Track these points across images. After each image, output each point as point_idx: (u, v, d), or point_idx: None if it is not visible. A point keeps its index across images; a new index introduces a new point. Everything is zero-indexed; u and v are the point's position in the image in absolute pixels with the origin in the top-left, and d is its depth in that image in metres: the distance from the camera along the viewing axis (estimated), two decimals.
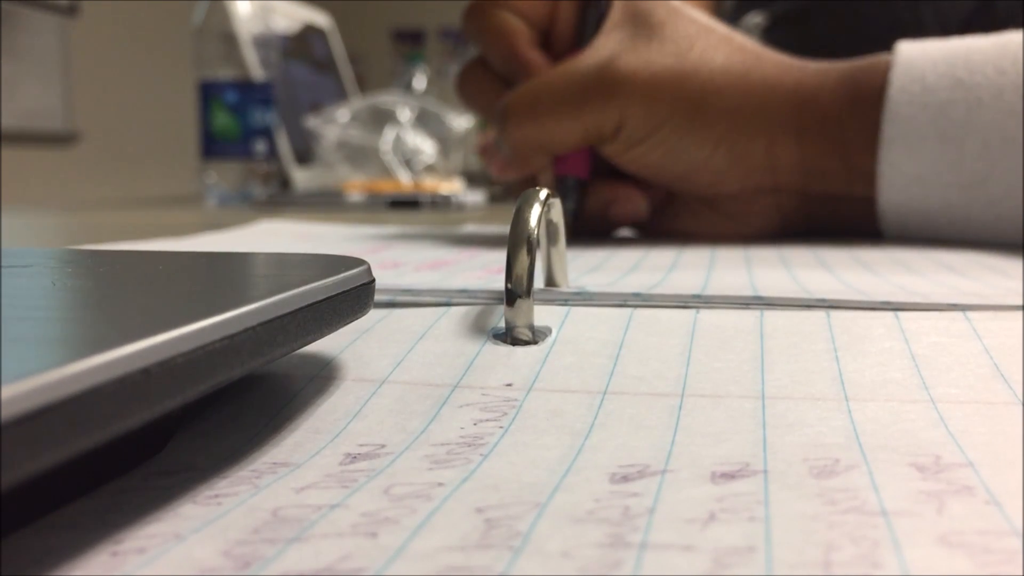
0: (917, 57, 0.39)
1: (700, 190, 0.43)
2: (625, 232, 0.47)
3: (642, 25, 0.41)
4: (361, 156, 1.00)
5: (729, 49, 0.41)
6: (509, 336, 0.20)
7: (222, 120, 0.91)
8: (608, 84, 0.40)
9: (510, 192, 0.45)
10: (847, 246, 0.38)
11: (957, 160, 0.38)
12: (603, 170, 0.43)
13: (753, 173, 0.42)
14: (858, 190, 0.41)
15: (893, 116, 0.39)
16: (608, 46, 0.41)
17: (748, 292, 0.23)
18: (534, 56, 0.43)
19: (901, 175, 0.39)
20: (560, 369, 0.19)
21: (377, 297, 0.21)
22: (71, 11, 2.69)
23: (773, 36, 0.64)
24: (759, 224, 0.44)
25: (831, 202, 0.43)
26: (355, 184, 0.94)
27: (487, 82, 0.44)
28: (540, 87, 0.41)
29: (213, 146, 0.91)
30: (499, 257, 0.33)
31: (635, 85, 0.40)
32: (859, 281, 0.26)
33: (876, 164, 0.40)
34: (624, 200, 0.43)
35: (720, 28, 0.43)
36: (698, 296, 0.22)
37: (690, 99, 0.40)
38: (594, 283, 0.26)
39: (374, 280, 0.18)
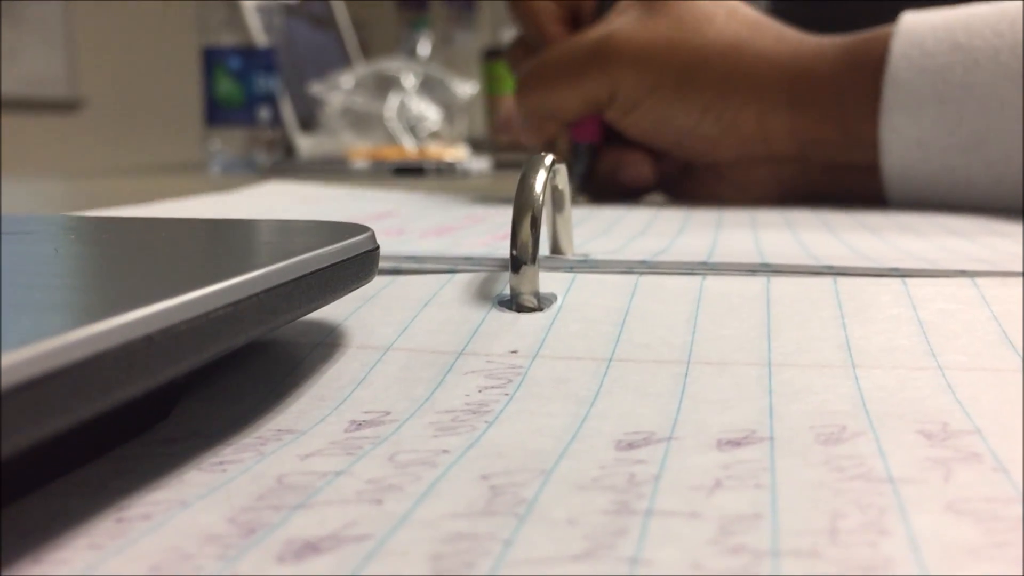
0: (918, 24, 0.40)
1: (698, 157, 0.45)
2: (652, 199, 0.48)
3: (653, 1, 0.44)
4: (365, 123, 0.99)
5: (728, 21, 0.43)
6: (514, 303, 0.20)
7: (226, 87, 0.90)
8: (603, 55, 0.43)
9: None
10: (853, 211, 0.38)
11: (956, 122, 0.38)
12: (618, 138, 0.46)
13: (746, 142, 0.43)
14: (858, 157, 0.42)
15: (893, 81, 0.39)
16: (615, 21, 0.44)
17: (755, 258, 0.23)
18: (555, 31, 0.47)
19: (902, 140, 0.40)
20: (565, 336, 0.18)
21: (381, 264, 0.20)
22: None
23: (781, 10, 0.64)
24: (759, 192, 0.45)
25: (832, 170, 0.43)
26: (360, 151, 0.93)
27: (525, 57, 0.48)
28: (548, 59, 0.45)
29: (217, 113, 0.91)
30: (504, 224, 0.32)
31: (626, 55, 0.42)
32: (866, 246, 0.26)
33: (877, 130, 0.40)
34: (631, 165, 0.46)
35: (730, 3, 0.44)
36: (704, 263, 0.22)
37: (678, 68, 0.42)
38: (601, 249, 0.25)
39: (378, 247, 0.18)
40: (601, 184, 0.46)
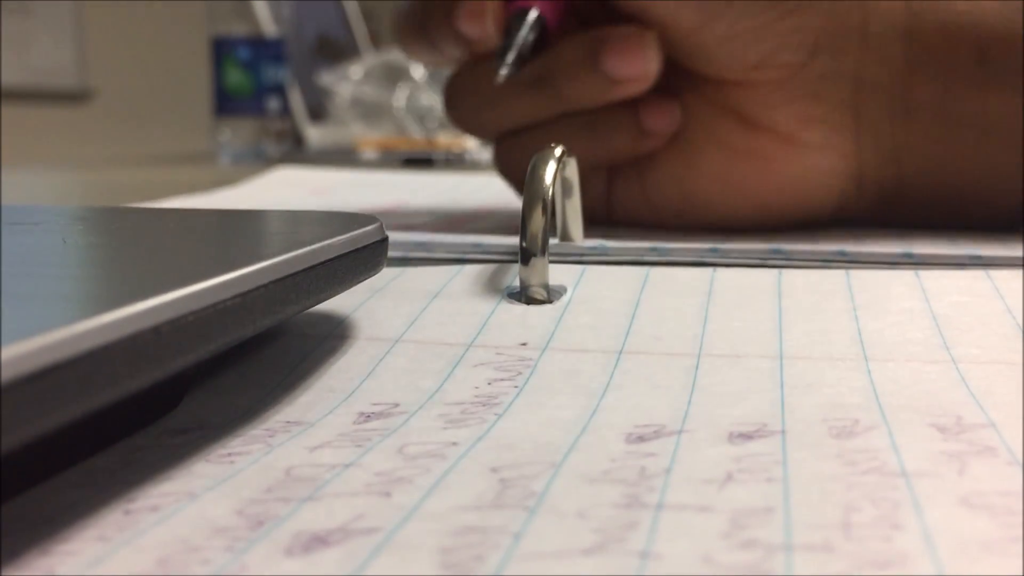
0: None
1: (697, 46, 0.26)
2: None
3: None
4: (375, 113, 0.99)
5: None
6: (524, 295, 0.20)
7: (235, 77, 0.90)
8: None
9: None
10: None
11: None
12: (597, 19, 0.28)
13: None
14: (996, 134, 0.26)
15: None
16: None
17: (765, 246, 0.23)
18: None
19: None
20: (575, 328, 0.18)
21: (390, 255, 0.20)
22: None
23: None
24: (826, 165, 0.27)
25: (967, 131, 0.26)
26: (369, 141, 0.93)
27: None
28: None
29: (226, 103, 0.91)
30: (513, 215, 0.32)
31: None
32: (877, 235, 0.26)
33: None
34: (622, 46, 0.26)
35: None
36: (715, 250, 0.22)
37: None
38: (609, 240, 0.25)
39: (387, 238, 0.18)
40: (565, 74, 0.27)
